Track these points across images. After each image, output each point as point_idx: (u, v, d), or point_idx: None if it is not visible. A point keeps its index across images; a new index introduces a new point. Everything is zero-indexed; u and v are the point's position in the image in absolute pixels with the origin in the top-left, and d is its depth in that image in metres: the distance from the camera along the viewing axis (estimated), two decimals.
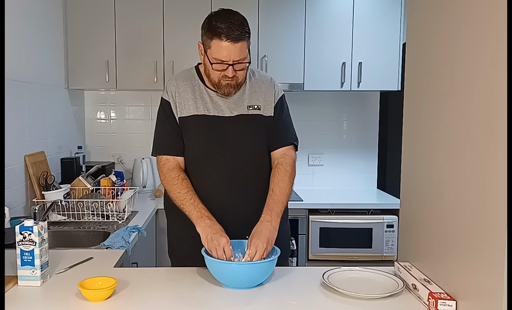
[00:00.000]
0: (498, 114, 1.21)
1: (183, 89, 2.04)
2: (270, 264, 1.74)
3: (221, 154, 2.01)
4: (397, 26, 3.79)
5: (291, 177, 2.02)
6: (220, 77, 1.93)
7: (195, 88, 2.04)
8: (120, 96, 4.25)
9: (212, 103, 2.01)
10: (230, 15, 1.88)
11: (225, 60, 1.87)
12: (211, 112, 2.01)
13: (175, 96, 2.03)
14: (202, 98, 2.02)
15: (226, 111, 2.01)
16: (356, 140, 4.35)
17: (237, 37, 1.84)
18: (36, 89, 3.17)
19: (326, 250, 3.61)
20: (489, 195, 1.26)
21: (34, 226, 1.68)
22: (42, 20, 3.31)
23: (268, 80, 2.13)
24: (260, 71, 2.18)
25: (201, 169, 2.02)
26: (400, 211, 1.96)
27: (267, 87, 2.10)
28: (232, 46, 1.85)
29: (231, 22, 1.84)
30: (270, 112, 2.06)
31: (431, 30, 1.66)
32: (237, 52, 1.87)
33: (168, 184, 1.99)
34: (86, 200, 2.90)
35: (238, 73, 1.92)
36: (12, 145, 2.79)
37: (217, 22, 1.85)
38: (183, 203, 1.92)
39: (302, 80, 3.80)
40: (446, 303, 1.45)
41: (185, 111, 2.02)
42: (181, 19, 3.74)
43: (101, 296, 1.57)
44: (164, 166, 2.02)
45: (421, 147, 1.73)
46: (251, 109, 2.03)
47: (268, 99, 2.07)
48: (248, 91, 2.05)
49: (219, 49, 1.86)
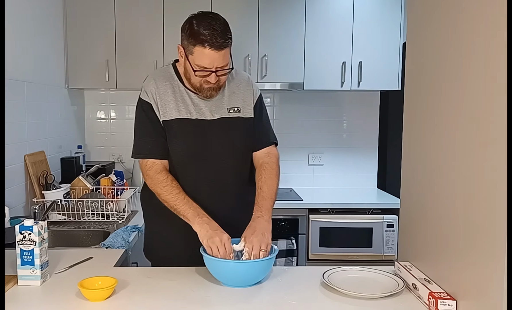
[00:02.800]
0: (498, 113, 1.21)
1: (163, 91, 2.00)
2: (268, 262, 1.74)
3: (204, 157, 2.00)
4: (397, 26, 3.79)
5: (277, 175, 2.04)
6: (201, 82, 1.91)
7: (175, 90, 2.00)
8: (120, 95, 4.25)
9: (194, 105, 1.99)
10: (213, 20, 1.84)
11: (208, 67, 1.85)
12: (193, 115, 1.98)
13: (156, 97, 1.99)
14: (183, 101, 1.99)
15: (207, 113, 1.99)
16: (356, 139, 4.35)
17: (221, 44, 1.82)
18: (36, 89, 3.17)
19: (326, 250, 3.60)
20: (489, 194, 1.26)
21: (34, 226, 1.68)
22: (42, 20, 3.31)
23: (245, 80, 2.11)
24: (237, 70, 2.13)
25: (184, 173, 2.01)
26: (400, 211, 1.96)
27: (245, 87, 2.08)
28: (215, 54, 1.83)
29: (214, 29, 1.81)
30: (250, 113, 2.06)
31: (431, 29, 1.66)
32: (221, 59, 1.85)
33: (157, 187, 1.95)
34: (86, 200, 2.89)
35: (220, 78, 1.92)
36: (12, 144, 2.79)
37: (200, 28, 1.82)
38: (176, 204, 1.89)
39: (302, 79, 3.80)
40: (446, 303, 1.45)
41: (167, 114, 1.98)
42: (181, 18, 3.68)
43: (101, 296, 1.57)
44: (150, 169, 1.98)
45: (421, 146, 1.73)
46: (231, 112, 2.02)
47: (247, 100, 2.06)
48: (227, 92, 2.04)
49: (202, 57, 1.84)
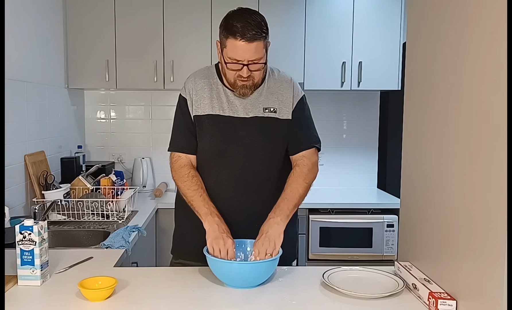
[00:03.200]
0: (498, 113, 1.21)
1: (201, 87, 2.01)
2: (271, 264, 1.74)
3: (232, 155, 1.98)
4: (397, 26, 3.79)
5: (306, 178, 1.99)
6: (235, 77, 1.90)
7: (213, 87, 2.01)
8: (120, 95, 4.25)
9: (228, 102, 1.99)
10: (247, 14, 1.85)
11: (240, 59, 1.84)
12: (226, 112, 1.98)
13: (192, 93, 2.01)
14: (219, 97, 1.99)
15: (241, 111, 1.98)
16: (356, 139, 4.35)
17: (252, 36, 1.81)
18: (36, 89, 3.17)
19: (326, 250, 3.61)
20: (489, 194, 1.26)
21: (34, 226, 1.68)
22: (42, 20, 3.31)
23: (287, 81, 2.08)
24: (280, 71, 2.13)
25: (210, 168, 2.01)
26: (400, 211, 1.96)
27: (286, 88, 2.05)
28: (247, 46, 1.81)
29: (248, 22, 1.81)
30: (287, 115, 2.02)
31: (431, 29, 1.66)
32: (252, 52, 1.83)
33: (178, 180, 1.99)
34: (86, 200, 2.90)
35: (253, 73, 1.89)
36: (12, 144, 2.79)
37: (234, 21, 1.82)
38: (193, 199, 1.92)
39: (302, 79, 3.80)
40: (446, 303, 1.45)
41: (200, 110, 1.99)
42: (181, 18, 3.74)
43: (101, 296, 1.57)
44: (175, 162, 2.02)
45: (421, 146, 1.73)
46: (266, 112, 1.99)
47: (285, 101, 2.03)
48: (266, 92, 2.02)
49: (234, 49, 1.83)
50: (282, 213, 1.87)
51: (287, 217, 1.87)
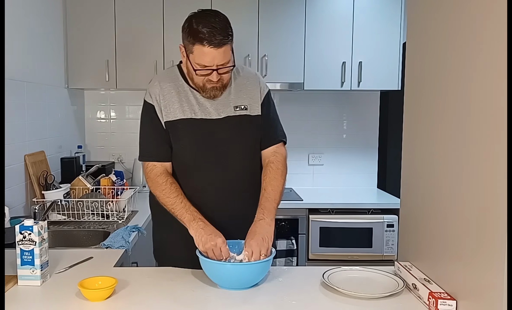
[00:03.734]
0: (498, 113, 1.21)
1: (168, 92, 1.97)
2: (265, 265, 1.73)
3: (211, 157, 1.97)
4: (397, 25, 3.79)
5: (283, 174, 2.00)
6: (204, 82, 1.88)
7: (180, 90, 1.97)
8: (120, 95, 4.25)
9: (199, 105, 1.96)
10: (212, 17, 1.81)
11: (209, 65, 1.82)
12: (198, 115, 1.95)
13: (159, 99, 1.96)
14: (188, 101, 1.96)
15: (213, 113, 1.96)
16: (356, 139, 4.35)
17: (220, 41, 1.78)
18: (36, 89, 3.17)
19: (326, 250, 3.61)
20: (489, 194, 1.26)
21: (34, 226, 1.68)
22: (42, 20, 3.31)
23: (252, 76, 2.07)
24: (244, 67, 2.11)
25: (191, 173, 1.98)
26: (400, 211, 1.96)
27: (253, 84, 2.04)
28: (215, 52, 1.79)
29: (213, 26, 1.78)
30: (258, 111, 2.02)
31: (431, 29, 1.66)
32: (221, 56, 1.81)
33: (156, 189, 1.94)
34: (86, 200, 2.90)
35: (222, 76, 1.88)
36: (12, 144, 2.79)
37: (199, 26, 1.79)
38: (174, 207, 1.88)
39: (302, 79, 3.80)
40: (446, 303, 1.45)
41: (171, 115, 1.95)
42: (181, 18, 3.68)
43: (101, 296, 1.57)
44: (151, 172, 1.97)
45: (421, 146, 1.73)
46: (238, 110, 1.98)
47: (254, 97, 2.02)
48: (234, 90, 2.00)
49: (202, 55, 1.80)
50: (270, 213, 1.87)
51: (272, 214, 1.88)
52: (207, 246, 1.73)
